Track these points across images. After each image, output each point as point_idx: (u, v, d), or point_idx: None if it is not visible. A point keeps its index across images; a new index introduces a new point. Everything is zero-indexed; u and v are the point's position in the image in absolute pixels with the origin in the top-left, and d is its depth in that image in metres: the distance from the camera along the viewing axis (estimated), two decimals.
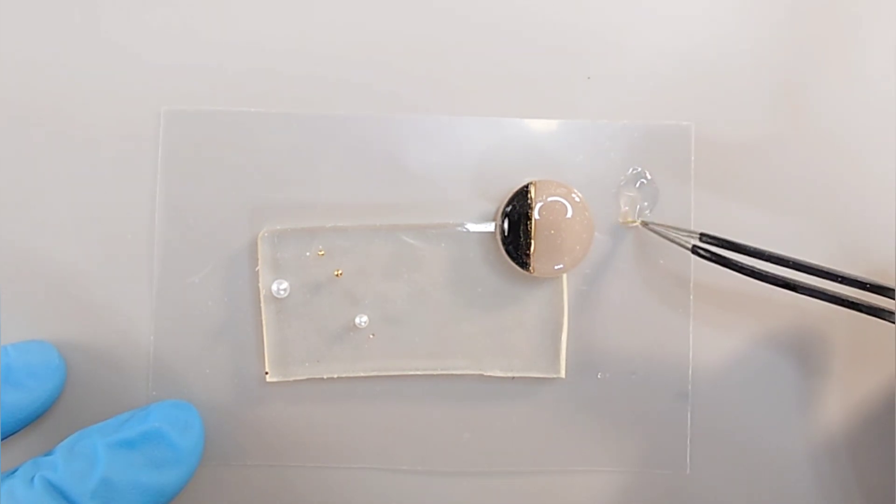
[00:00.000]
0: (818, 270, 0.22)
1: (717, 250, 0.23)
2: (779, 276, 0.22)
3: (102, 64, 0.26)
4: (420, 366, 0.26)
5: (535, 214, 0.25)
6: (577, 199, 0.25)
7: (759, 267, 0.22)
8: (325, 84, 0.26)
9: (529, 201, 0.25)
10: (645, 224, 0.26)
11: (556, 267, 0.25)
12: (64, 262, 0.26)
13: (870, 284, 0.22)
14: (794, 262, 0.22)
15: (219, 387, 0.26)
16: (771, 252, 0.22)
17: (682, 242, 0.24)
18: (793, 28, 0.27)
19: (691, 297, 0.26)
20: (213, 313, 0.26)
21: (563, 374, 0.26)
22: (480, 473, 0.26)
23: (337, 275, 0.26)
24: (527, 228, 0.25)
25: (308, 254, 0.26)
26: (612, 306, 0.26)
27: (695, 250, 0.23)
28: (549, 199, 0.25)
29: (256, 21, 0.26)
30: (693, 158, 0.26)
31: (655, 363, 0.26)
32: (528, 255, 0.25)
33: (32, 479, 0.21)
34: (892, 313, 0.21)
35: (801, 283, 0.22)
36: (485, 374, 0.26)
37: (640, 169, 0.26)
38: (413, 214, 0.26)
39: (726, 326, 0.26)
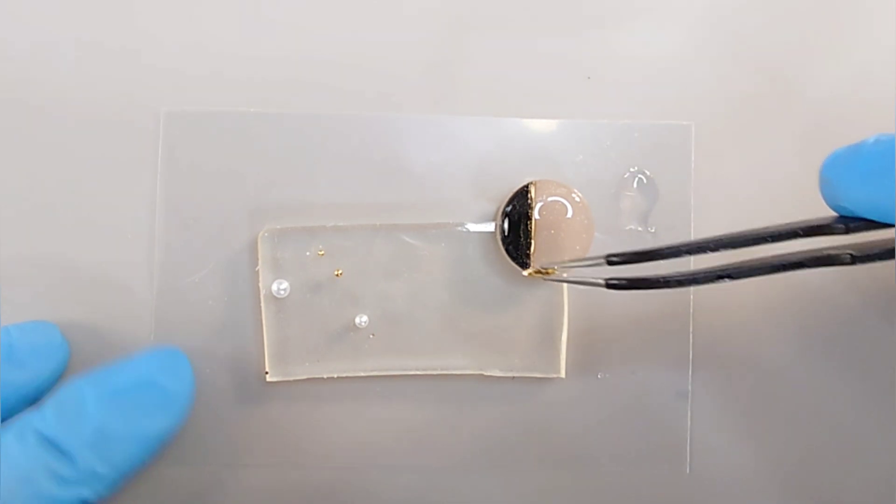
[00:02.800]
0: (747, 238, 0.20)
1: (630, 273, 0.21)
2: (711, 271, 0.20)
3: (103, 64, 0.26)
4: (420, 366, 0.26)
5: (535, 214, 0.25)
6: (577, 199, 0.25)
7: (680, 273, 0.20)
8: (325, 84, 0.26)
9: (529, 201, 0.25)
10: (551, 276, 0.25)
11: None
12: (64, 263, 0.25)
13: (801, 230, 0.19)
14: (715, 243, 0.20)
15: (219, 386, 0.26)
16: (688, 244, 0.21)
17: (593, 281, 0.22)
18: (794, 27, 0.27)
19: (691, 296, 0.26)
20: (213, 313, 0.26)
21: (563, 374, 0.26)
22: (480, 473, 0.26)
23: (337, 275, 0.26)
24: (527, 228, 0.25)
25: (308, 253, 0.26)
26: (612, 306, 0.26)
27: (609, 285, 0.22)
28: (549, 199, 0.25)
29: (256, 22, 0.26)
30: (693, 158, 0.26)
31: (655, 363, 0.26)
32: (528, 255, 0.25)
33: (25, 434, 0.20)
34: (839, 256, 0.19)
35: (735, 268, 0.20)
36: (485, 374, 0.26)
37: (639, 169, 0.26)
38: (413, 214, 0.26)
39: (727, 326, 0.26)
